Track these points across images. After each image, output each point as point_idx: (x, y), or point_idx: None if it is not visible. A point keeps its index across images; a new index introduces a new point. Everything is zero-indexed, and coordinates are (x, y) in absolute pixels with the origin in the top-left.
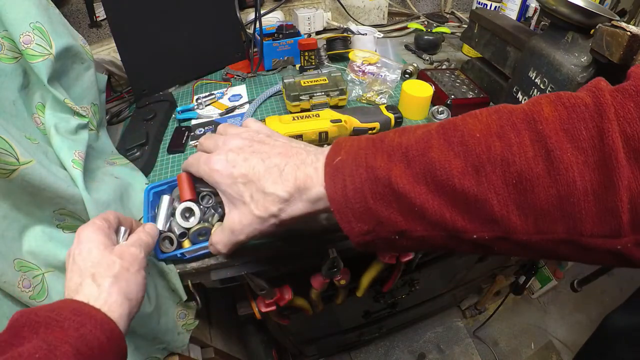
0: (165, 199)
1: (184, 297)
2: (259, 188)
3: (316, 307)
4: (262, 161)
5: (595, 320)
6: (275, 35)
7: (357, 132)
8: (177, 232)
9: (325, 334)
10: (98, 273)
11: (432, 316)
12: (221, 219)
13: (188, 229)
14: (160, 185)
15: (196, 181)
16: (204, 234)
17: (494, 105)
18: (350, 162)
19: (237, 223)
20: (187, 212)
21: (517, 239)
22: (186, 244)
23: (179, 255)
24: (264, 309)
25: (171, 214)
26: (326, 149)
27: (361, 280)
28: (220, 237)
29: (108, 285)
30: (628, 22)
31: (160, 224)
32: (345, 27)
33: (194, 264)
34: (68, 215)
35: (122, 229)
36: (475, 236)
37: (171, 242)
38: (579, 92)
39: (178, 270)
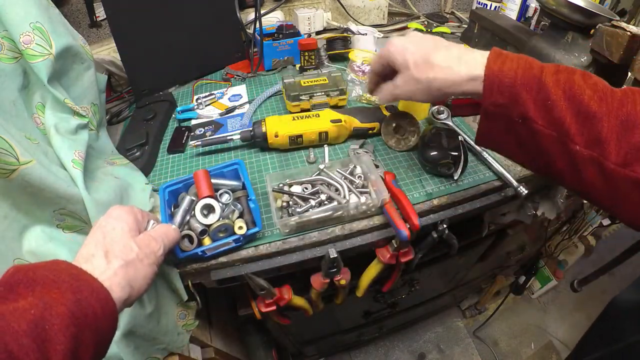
0: (187, 197)
1: (185, 298)
2: (424, 56)
3: (316, 307)
4: (433, 41)
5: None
6: (275, 35)
7: (357, 132)
8: (198, 229)
9: (325, 334)
10: (112, 251)
11: (432, 316)
12: (241, 215)
13: (208, 226)
14: (176, 184)
15: (214, 178)
16: (224, 230)
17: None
18: (513, 55)
19: (398, 82)
20: (206, 209)
21: (607, 167)
22: (206, 241)
23: (199, 253)
24: (264, 309)
25: (188, 211)
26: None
27: (361, 280)
28: (386, 88)
29: (117, 266)
30: (628, 22)
31: (177, 221)
32: (345, 27)
33: (194, 264)
34: (68, 215)
35: (152, 221)
36: (578, 148)
37: (190, 241)
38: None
39: (178, 271)
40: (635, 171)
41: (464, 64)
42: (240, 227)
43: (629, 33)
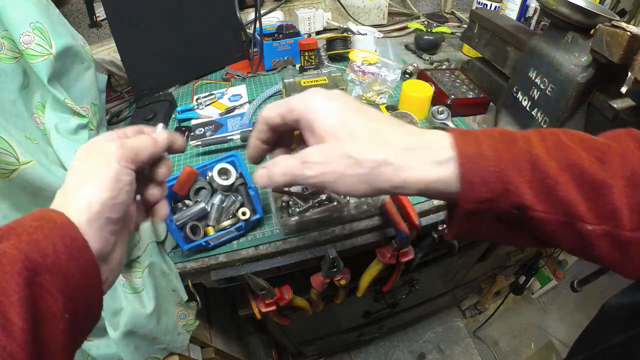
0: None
1: (185, 298)
2: (373, 128)
3: (316, 307)
4: (375, 110)
5: None
6: (275, 35)
7: None
8: (220, 187)
9: (325, 334)
10: (64, 183)
11: (432, 316)
12: (242, 205)
13: (230, 185)
14: (171, 180)
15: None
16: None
17: None
18: (481, 132)
19: (316, 155)
20: (224, 173)
21: (622, 236)
22: (210, 231)
23: (203, 244)
24: (264, 309)
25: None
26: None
27: (361, 280)
28: (285, 163)
29: (67, 179)
30: (628, 22)
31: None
32: (345, 27)
33: (194, 264)
34: None
35: None
36: (590, 228)
37: (194, 232)
38: None
39: (178, 271)
40: None
41: (429, 149)
42: (244, 213)
43: (629, 33)
